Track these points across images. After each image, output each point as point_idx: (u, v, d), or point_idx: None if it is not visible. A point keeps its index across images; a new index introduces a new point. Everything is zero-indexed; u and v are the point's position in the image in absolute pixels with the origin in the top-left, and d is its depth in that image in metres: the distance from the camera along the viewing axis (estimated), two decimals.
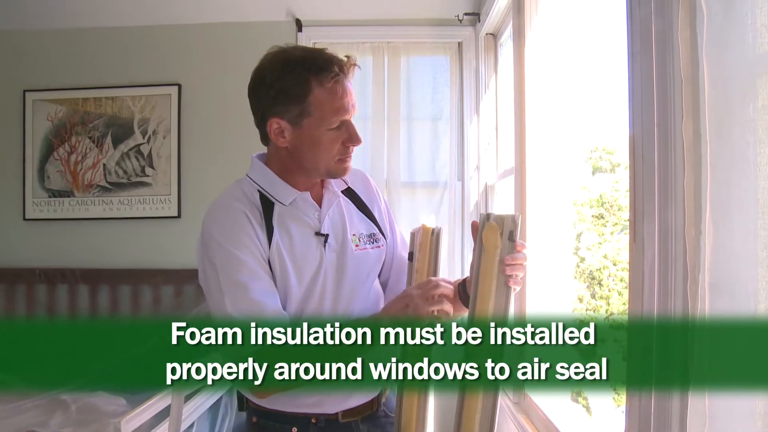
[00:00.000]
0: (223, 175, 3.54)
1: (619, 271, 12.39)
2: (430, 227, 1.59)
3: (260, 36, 3.54)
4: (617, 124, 14.69)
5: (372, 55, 3.60)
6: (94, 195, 3.59)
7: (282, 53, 1.39)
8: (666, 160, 1.11)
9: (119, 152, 3.58)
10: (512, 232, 1.38)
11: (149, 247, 3.58)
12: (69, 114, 3.61)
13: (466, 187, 3.58)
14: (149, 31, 3.61)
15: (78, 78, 3.63)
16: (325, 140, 1.39)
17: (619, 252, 12.46)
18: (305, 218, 1.46)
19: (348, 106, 1.39)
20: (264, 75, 1.39)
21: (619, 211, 13.81)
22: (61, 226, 3.62)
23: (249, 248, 1.36)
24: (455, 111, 3.62)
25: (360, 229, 1.54)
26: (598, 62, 16.62)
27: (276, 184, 1.44)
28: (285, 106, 1.36)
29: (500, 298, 1.38)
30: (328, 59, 1.37)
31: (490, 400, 1.36)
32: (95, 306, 3.51)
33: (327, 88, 1.36)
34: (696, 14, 0.95)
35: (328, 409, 1.46)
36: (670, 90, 1.10)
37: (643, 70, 1.23)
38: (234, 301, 1.33)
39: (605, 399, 7.74)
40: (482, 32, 3.42)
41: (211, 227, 1.39)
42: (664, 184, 1.11)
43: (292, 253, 1.41)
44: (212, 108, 3.59)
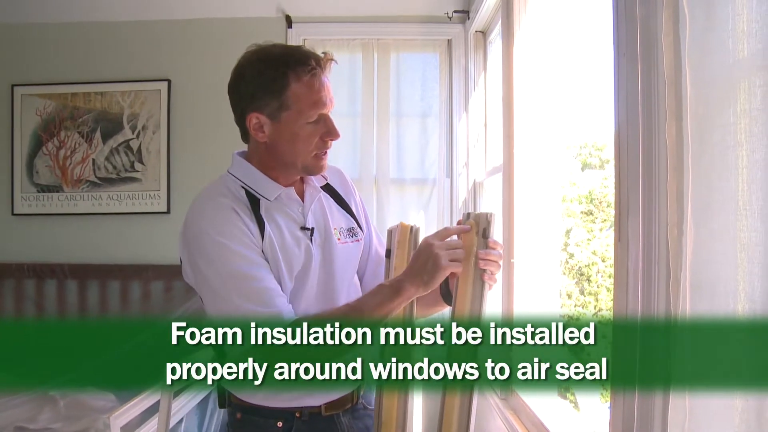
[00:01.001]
0: (213, 171, 3.50)
1: (608, 267, 12.44)
2: (409, 225, 1.61)
3: (250, 32, 3.53)
4: (607, 120, 14.73)
5: (362, 52, 3.61)
6: (83, 190, 3.58)
7: (260, 51, 1.42)
8: (650, 160, 1.13)
9: (108, 147, 3.58)
10: (485, 230, 1.40)
11: (138, 242, 3.58)
12: (58, 109, 3.59)
13: (454, 184, 3.59)
14: (139, 26, 3.60)
15: (67, 73, 3.61)
16: (304, 134, 1.40)
17: (608, 248, 12.52)
18: (290, 212, 1.47)
19: (326, 100, 1.40)
20: (243, 72, 1.41)
21: (609, 207, 13.89)
22: (50, 221, 3.61)
23: (243, 240, 1.36)
24: (444, 108, 3.63)
25: (341, 223, 1.56)
26: (588, 58, 16.69)
27: (259, 179, 1.45)
28: (263, 100, 1.38)
29: (476, 296, 1.40)
30: (305, 54, 1.40)
31: (467, 397, 1.39)
32: (84, 301, 3.50)
33: (304, 82, 1.37)
34: (679, 18, 0.97)
35: (312, 402, 1.47)
36: (654, 92, 1.11)
37: (628, 71, 1.25)
38: (240, 291, 1.33)
39: (593, 395, 7.79)
40: (472, 30, 3.43)
41: (201, 223, 1.38)
42: (648, 184, 1.13)
43: (284, 247, 1.42)
44: (202, 104, 3.58)
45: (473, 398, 1.39)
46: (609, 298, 12.07)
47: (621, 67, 1.29)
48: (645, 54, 1.16)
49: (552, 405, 2.27)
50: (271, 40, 1.47)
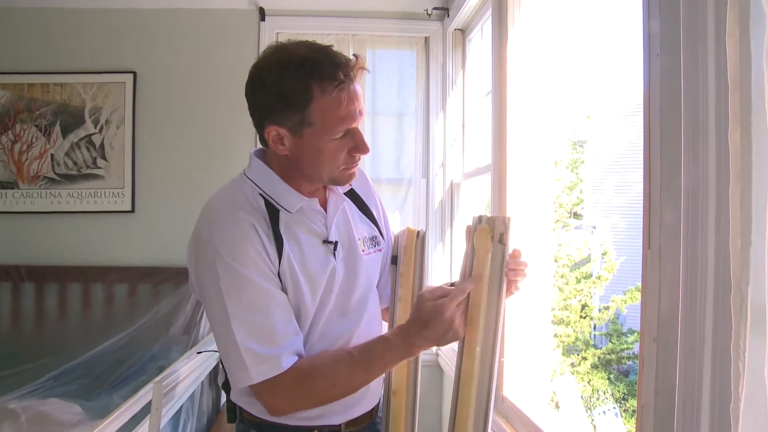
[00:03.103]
0: (180, 168, 3.41)
1: (560, 268, 12.61)
2: (415, 230, 1.53)
3: (221, 24, 3.40)
4: (555, 121, 14.93)
5: (336, 48, 3.48)
6: (41, 187, 3.36)
7: (282, 51, 1.25)
8: (696, 162, 1.06)
9: (69, 142, 3.37)
10: (503, 235, 1.34)
11: (101, 243, 3.38)
12: (13, 100, 3.37)
13: (431, 185, 3.53)
14: (104, 14, 3.40)
15: (24, 61, 3.39)
16: (328, 150, 1.27)
17: (560, 248, 12.70)
18: (312, 225, 1.36)
19: (354, 115, 1.25)
20: (262, 76, 1.25)
21: (561, 208, 14.12)
22: (4, 220, 3.38)
23: (257, 265, 1.24)
24: (421, 107, 3.56)
25: (363, 233, 1.46)
26: (575, 55, 16.87)
27: (281, 189, 1.33)
28: (283, 114, 1.24)
29: (492, 302, 1.33)
30: (334, 62, 1.22)
31: (484, 399, 1.32)
32: (42, 305, 3.29)
33: (331, 96, 1.21)
34: (749, 16, 0.91)
35: (332, 420, 1.39)
36: (702, 97, 1.05)
37: (663, 72, 1.20)
38: (244, 324, 1.22)
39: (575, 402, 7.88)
40: (451, 27, 3.37)
41: (214, 238, 1.25)
42: (693, 193, 1.07)
43: (304, 266, 1.30)
44: (169, 98, 3.42)
45: (490, 399, 1.32)
46: (561, 297, 12.24)
47: (654, 68, 1.24)
48: (689, 54, 1.10)
49: (544, 411, 2.23)
50: (240, 32, 1.29)
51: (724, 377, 0.99)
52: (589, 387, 11.54)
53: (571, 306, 12.48)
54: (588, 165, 15.65)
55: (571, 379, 10.56)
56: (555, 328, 12.03)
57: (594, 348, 12.08)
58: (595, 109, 17.69)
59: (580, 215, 16.26)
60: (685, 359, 1.08)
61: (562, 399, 7.55)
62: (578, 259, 13.38)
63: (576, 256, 13.27)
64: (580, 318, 12.47)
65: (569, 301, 12.47)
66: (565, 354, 12.20)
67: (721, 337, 0.99)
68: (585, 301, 12.59)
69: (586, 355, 12.07)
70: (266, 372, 1.22)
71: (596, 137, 15.48)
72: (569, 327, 12.23)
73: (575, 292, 12.62)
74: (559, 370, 11.13)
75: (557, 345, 12.05)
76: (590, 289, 12.54)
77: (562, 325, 12.19)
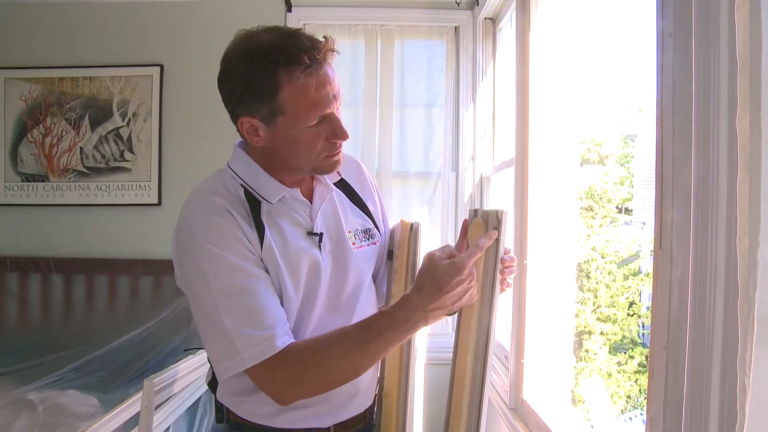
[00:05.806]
0: (207, 162, 3.36)
1: (607, 264, 12.35)
2: (409, 222, 1.45)
3: (247, 15, 3.36)
4: (605, 115, 14.58)
5: (364, 39, 3.43)
6: (70, 180, 3.40)
7: (247, 40, 1.19)
8: (706, 157, 0.96)
9: (97, 135, 3.40)
10: (495, 229, 1.26)
11: (128, 235, 3.40)
12: (44, 94, 3.41)
13: (460, 178, 3.43)
14: (131, 8, 3.41)
15: (54, 56, 3.43)
16: (304, 139, 1.21)
17: (607, 244, 12.43)
18: (295, 216, 1.30)
19: (327, 99, 1.18)
20: (230, 67, 1.20)
21: (609, 203, 13.76)
22: (34, 212, 3.44)
23: (236, 248, 1.19)
24: (450, 98, 3.46)
25: (355, 225, 1.39)
26: (585, 50, 16.56)
27: (261, 179, 1.27)
28: (253, 104, 1.18)
29: (485, 299, 1.27)
30: (299, 48, 1.15)
31: (476, 403, 1.27)
32: (69, 297, 3.33)
33: (299, 82, 1.14)
34: None
35: (320, 423, 1.32)
36: (714, 78, 0.95)
37: (676, 55, 1.09)
38: (230, 309, 1.17)
39: (605, 406, 7.64)
40: (481, 16, 3.26)
41: (191, 225, 1.21)
42: (703, 188, 0.96)
43: (286, 256, 1.24)
44: (196, 90, 3.41)
45: (483, 403, 1.25)
46: (608, 294, 11.97)
47: (667, 49, 1.13)
48: (701, 31, 0.99)
49: (563, 415, 2.13)
50: (266, 23, 1.25)
51: (732, 389, 0.89)
52: (636, 387, 11.25)
53: (618, 303, 12.20)
54: (638, 160, 15.24)
55: (599, 381, 10.26)
56: (601, 325, 11.78)
57: (642, 347, 11.77)
58: (647, 103, 17.20)
59: (630, 211, 15.87)
60: (692, 368, 0.99)
61: (589, 402, 7.33)
62: (626, 255, 13.05)
63: (624, 253, 12.94)
64: (627, 316, 12.17)
65: (616, 299, 12.19)
66: (611, 352, 11.93)
67: (730, 348, 0.90)
68: (632, 298, 12.28)
69: (633, 353, 11.77)
70: (260, 354, 1.15)
71: (648, 131, 15.04)
72: (616, 325, 11.95)
73: (623, 290, 12.32)
74: (587, 371, 10.89)
75: (603, 343, 11.80)
76: (638, 286, 12.21)
77: (608, 322, 11.92)
